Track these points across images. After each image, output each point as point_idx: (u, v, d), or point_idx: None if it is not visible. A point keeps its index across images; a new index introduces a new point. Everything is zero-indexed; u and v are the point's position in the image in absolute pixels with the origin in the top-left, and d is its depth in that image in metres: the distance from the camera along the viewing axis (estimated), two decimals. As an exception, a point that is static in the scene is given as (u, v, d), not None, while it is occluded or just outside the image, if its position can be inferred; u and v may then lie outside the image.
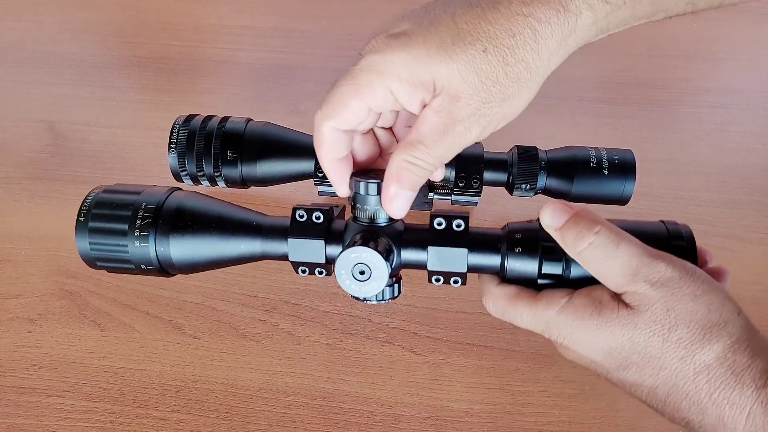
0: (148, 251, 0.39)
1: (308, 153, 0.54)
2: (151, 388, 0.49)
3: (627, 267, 0.33)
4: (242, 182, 0.56)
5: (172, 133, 0.55)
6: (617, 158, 0.53)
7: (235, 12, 0.81)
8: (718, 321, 0.32)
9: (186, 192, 0.42)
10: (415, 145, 0.33)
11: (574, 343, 0.34)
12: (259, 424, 0.47)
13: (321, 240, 0.38)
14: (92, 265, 0.41)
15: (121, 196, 0.40)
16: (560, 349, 0.36)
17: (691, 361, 0.32)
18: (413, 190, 0.35)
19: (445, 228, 0.38)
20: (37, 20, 0.80)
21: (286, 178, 0.56)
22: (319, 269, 0.40)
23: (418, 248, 0.38)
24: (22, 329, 0.52)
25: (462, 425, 0.47)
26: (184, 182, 0.57)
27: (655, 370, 0.32)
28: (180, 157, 0.55)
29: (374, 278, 0.36)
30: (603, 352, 0.33)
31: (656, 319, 0.32)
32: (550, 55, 0.32)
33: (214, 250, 0.40)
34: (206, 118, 0.56)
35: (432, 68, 0.31)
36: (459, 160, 0.54)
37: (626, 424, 0.47)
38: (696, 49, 0.75)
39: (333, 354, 0.50)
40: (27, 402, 0.48)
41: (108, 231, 0.39)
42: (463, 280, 0.38)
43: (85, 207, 0.40)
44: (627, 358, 0.33)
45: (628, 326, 0.32)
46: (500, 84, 0.32)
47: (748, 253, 0.56)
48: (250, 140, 0.54)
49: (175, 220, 0.39)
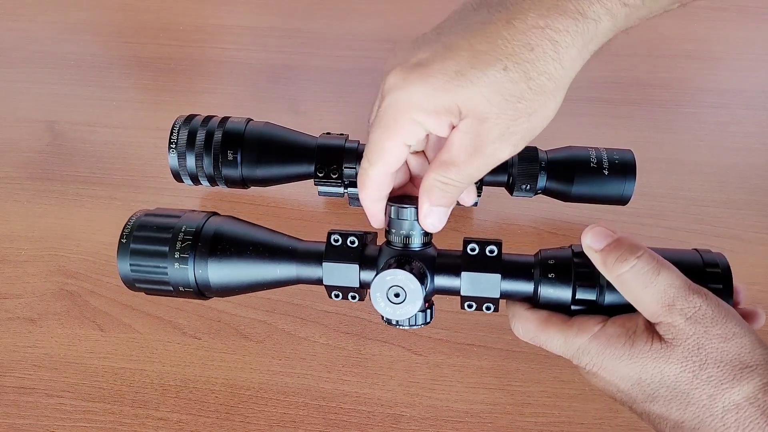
0: (186, 274, 0.40)
1: (308, 153, 0.54)
2: (151, 388, 0.49)
3: (665, 296, 0.33)
4: (242, 182, 0.56)
5: (172, 133, 0.55)
6: (617, 158, 0.53)
7: (235, 12, 0.81)
8: (750, 363, 0.32)
9: (223, 217, 0.43)
10: (447, 165, 0.34)
11: (604, 371, 0.34)
12: (259, 424, 0.47)
13: (356, 264, 0.39)
14: (131, 286, 0.42)
15: (162, 220, 0.41)
16: (587, 376, 0.36)
17: (720, 400, 0.31)
18: (446, 207, 0.36)
19: (478, 253, 0.38)
20: (37, 20, 0.80)
21: (286, 178, 0.56)
22: (353, 294, 0.40)
23: (451, 274, 0.38)
24: (22, 329, 0.52)
25: (462, 425, 0.47)
26: (184, 182, 0.57)
27: (683, 405, 0.32)
28: (180, 156, 0.55)
29: (409, 301, 0.36)
30: (632, 382, 0.33)
31: (688, 355, 0.32)
32: (573, 62, 0.32)
33: (250, 275, 0.41)
34: (206, 118, 0.56)
35: (454, 95, 0.31)
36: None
37: (626, 425, 0.47)
38: (696, 49, 0.75)
39: (333, 354, 0.51)
40: (27, 402, 0.48)
41: (149, 253, 0.40)
42: (495, 307, 0.39)
43: (128, 229, 0.41)
44: (656, 391, 0.33)
45: (660, 359, 0.32)
46: (526, 99, 0.32)
47: (748, 253, 0.56)
48: (250, 140, 0.54)
49: (213, 244, 0.40)
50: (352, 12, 0.81)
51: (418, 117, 0.32)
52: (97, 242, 0.57)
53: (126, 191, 0.62)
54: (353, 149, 0.54)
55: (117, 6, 0.82)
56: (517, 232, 0.58)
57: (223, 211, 0.60)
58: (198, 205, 0.60)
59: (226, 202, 0.61)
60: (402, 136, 0.33)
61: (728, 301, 0.35)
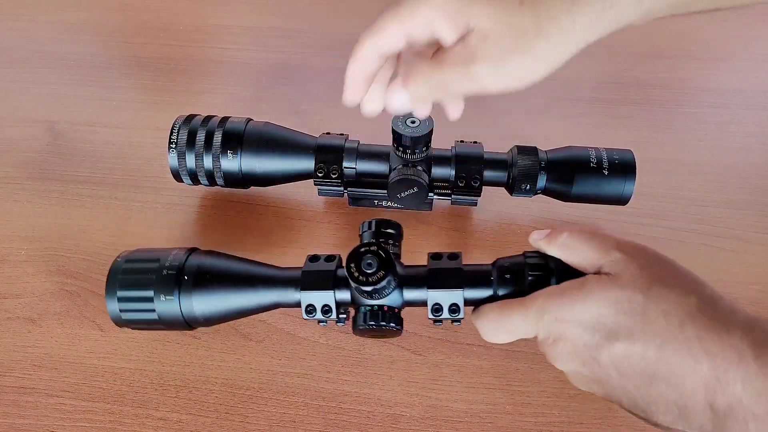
0: (174, 308, 0.44)
1: (308, 152, 0.54)
2: (151, 388, 0.49)
3: (603, 244, 0.36)
4: (242, 182, 0.56)
5: (172, 133, 0.55)
6: (617, 158, 0.53)
7: (235, 12, 0.82)
8: (693, 279, 0.35)
9: (203, 252, 0.46)
10: (435, 62, 0.36)
11: (566, 325, 0.35)
12: (259, 424, 0.47)
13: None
14: (120, 324, 0.45)
15: (142, 265, 0.45)
16: (556, 355, 0.37)
17: (675, 314, 0.33)
18: (414, 96, 0.38)
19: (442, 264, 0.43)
20: (37, 20, 0.80)
21: (286, 177, 0.56)
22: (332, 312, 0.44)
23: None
24: (22, 329, 0.52)
25: (462, 425, 0.47)
26: (184, 181, 0.57)
27: (643, 328, 0.33)
28: (180, 156, 0.55)
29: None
30: (593, 324, 0.34)
31: (635, 277, 0.34)
32: (585, 26, 0.34)
33: (233, 304, 0.44)
34: (206, 118, 0.56)
35: (471, 7, 0.34)
36: (459, 160, 0.54)
37: (626, 425, 0.47)
38: (696, 49, 0.75)
39: (333, 354, 0.51)
40: (27, 402, 0.48)
41: (135, 299, 0.44)
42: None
43: (112, 275, 0.44)
44: (615, 323, 0.33)
45: (612, 287, 0.34)
46: (528, 36, 0.34)
47: (748, 253, 0.56)
48: (250, 140, 0.54)
49: (197, 279, 0.44)
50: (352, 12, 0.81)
51: (432, 14, 0.34)
52: (97, 242, 0.57)
53: (126, 191, 0.62)
54: (353, 149, 0.54)
55: (117, 6, 0.82)
56: (517, 232, 0.58)
57: (223, 211, 0.60)
58: (197, 204, 0.60)
59: (226, 201, 0.61)
60: (409, 25, 0.35)
61: None
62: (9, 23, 0.79)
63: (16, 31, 0.79)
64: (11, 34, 0.78)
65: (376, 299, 0.42)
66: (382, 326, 0.42)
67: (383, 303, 0.42)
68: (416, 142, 0.51)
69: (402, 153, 0.52)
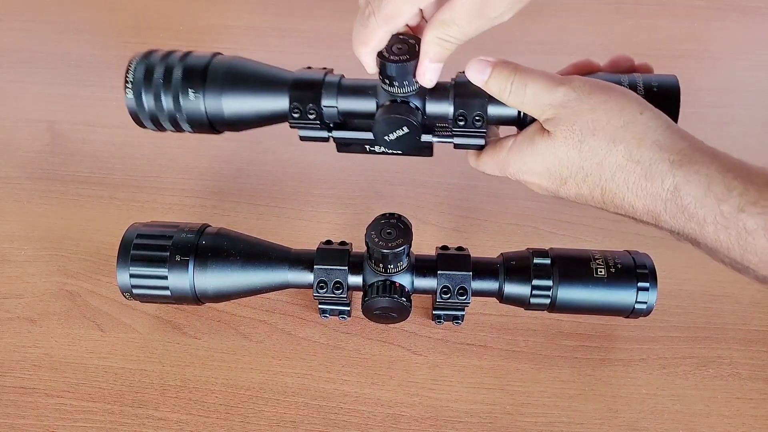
0: (185, 281, 0.46)
1: (280, 88, 0.47)
2: (150, 388, 0.49)
3: (537, 100, 0.38)
4: (210, 125, 0.48)
5: (128, 72, 0.47)
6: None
7: (235, 12, 0.81)
8: (619, 124, 0.36)
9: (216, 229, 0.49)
10: (448, 24, 0.36)
11: (524, 173, 0.41)
12: (259, 424, 0.47)
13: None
14: (128, 293, 0.48)
15: (158, 230, 0.48)
16: (526, 185, 0.42)
17: (607, 165, 0.37)
18: (442, 62, 0.39)
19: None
20: (37, 20, 0.80)
21: (258, 119, 0.48)
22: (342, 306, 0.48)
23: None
24: (22, 329, 0.52)
25: (462, 425, 0.47)
26: (146, 126, 0.50)
27: (583, 177, 0.38)
28: (137, 96, 0.47)
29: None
30: (544, 174, 0.39)
31: (566, 135, 0.37)
32: None
33: (245, 281, 0.47)
34: (167, 53, 0.48)
35: None
36: (458, 93, 0.44)
37: (626, 425, 0.47)
38: (696, 49, 0.75)
39: (333, 354, 0.51)
40: (27, 402, 0.48)
41: (149, 258, 0.46)
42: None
43: (126, 239, 0.47)
44: (561, 174, 0.39)
45: (551, 147, 0.38)
46: None
47: (748, 253, 0.56)
48: (214, 76, 0.47)
49: (210, 254, 0.46)
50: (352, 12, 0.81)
51: None
52: (97, 242, 0.57)
53: (126, 191, 0.62)
54: (333, 83, 0.46)
55: (117, 6, 0.82)
56: (517, 231, 0.58)
57: (223, 211, 0.60)
58: (197, 204, 0.60)
59: (227, 201, 0.61)
60: (425, 3, 0.36)
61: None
62: (9, 23, 0.79)
63: (17, 31, 0.79)
64: (11, 34, 0.78)
65: (390, 272, 0.44)
66: (394, 298, 0.43)
67: (395, 279, 0.45)
68: (405, 72, 0.41)
69: (389, 86, 0.42)
